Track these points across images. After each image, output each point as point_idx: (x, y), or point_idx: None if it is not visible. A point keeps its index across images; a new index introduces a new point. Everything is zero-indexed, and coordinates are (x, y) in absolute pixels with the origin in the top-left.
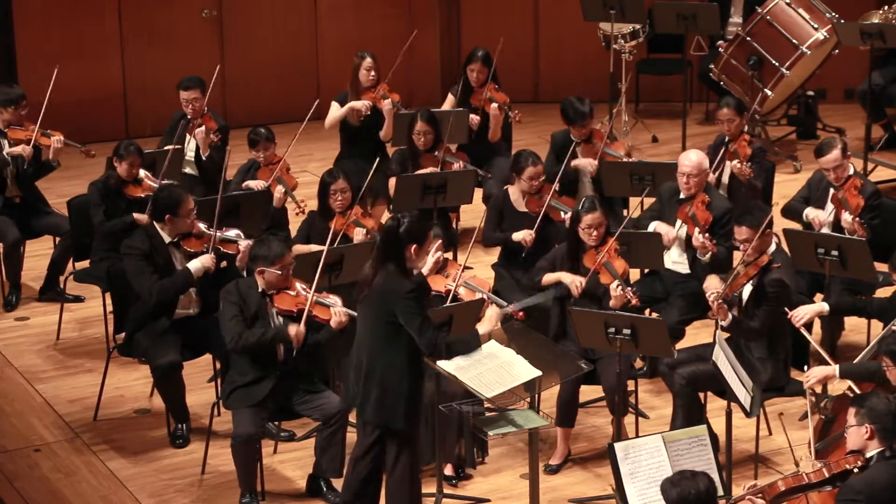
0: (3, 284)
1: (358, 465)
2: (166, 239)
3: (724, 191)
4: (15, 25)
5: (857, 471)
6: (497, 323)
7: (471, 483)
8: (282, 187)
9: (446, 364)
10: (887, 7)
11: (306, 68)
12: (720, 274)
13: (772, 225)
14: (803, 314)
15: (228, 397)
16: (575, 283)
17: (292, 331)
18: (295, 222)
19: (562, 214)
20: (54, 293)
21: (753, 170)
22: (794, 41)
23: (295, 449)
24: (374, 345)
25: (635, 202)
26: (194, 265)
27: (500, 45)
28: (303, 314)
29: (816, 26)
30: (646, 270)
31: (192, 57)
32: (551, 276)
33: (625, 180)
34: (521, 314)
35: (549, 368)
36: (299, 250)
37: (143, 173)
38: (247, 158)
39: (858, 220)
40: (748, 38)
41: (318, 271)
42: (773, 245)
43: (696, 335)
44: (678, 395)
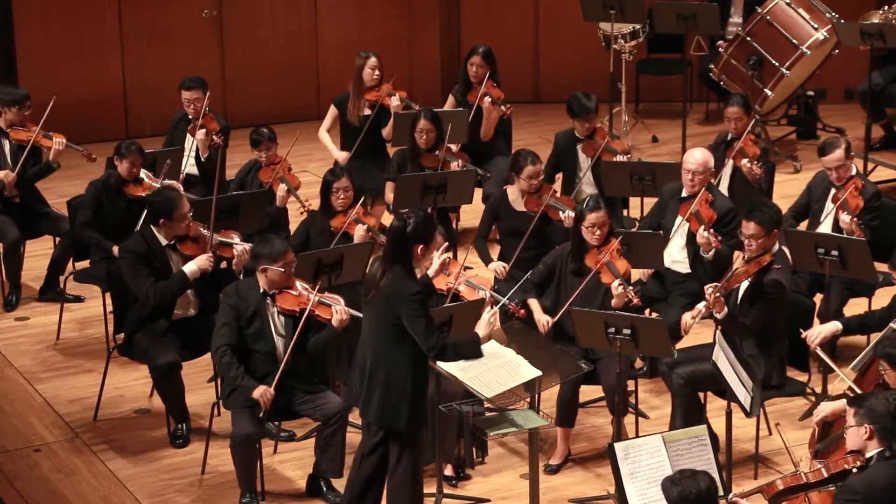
0: (3, 284)
1: (364, 463)
2: (163, 241)
3: (725, 190)
4: (15, 25)
5: (856, 471)
6: (491, 328)
7: (471, 483)
8: (284, 186)
9: (447, 364)
10: (887, 7)
11: (306, 68)
12: (721, 272)
13: (780, 224)
14: (817, 334)
15: (228, 397)
16: (542, 322)
17: (257, 394)
18: (295, 223)
19: (561, 214)
20: (54, 293)
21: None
22: (794, 41)
23: (295, 449)
24: (378, 346)
25: (635, 202)
26: (190, 268)
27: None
28: (304, 313)
29: (816, 26)
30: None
31: (192, 57)
32: (532, 302)
33: (625, 180)
34: (522, 312)
35: (549, 368)
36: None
37: (143, 173)
38: (247, 158)
39: (856, 220)
40: (748, 38)
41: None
42: (777, 245)
43: (696, 335)
44: (677, 394)
